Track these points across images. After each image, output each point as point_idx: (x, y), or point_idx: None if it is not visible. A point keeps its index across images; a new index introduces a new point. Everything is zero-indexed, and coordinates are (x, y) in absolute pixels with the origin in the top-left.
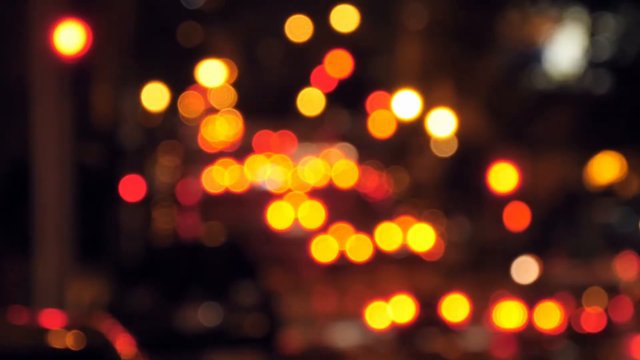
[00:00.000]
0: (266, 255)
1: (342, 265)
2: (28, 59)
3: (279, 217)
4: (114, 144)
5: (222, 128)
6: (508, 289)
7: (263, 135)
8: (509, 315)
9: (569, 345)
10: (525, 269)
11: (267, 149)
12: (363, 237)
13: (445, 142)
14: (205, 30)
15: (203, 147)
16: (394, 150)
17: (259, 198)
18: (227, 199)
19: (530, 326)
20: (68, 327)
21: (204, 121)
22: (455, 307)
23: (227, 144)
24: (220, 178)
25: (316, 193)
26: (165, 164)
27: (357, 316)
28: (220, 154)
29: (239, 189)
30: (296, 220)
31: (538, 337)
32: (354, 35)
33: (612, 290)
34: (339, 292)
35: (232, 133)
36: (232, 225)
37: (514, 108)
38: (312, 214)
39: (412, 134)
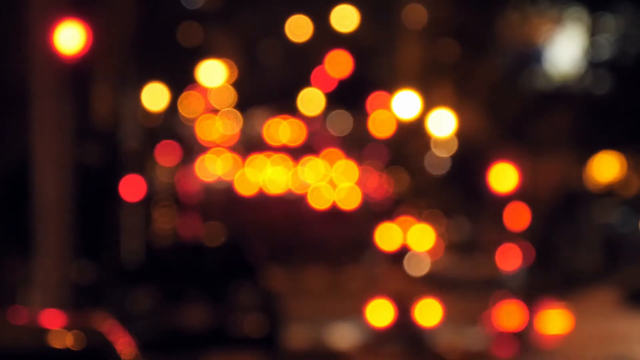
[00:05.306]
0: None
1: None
2: (28, 59)
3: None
4: (114, 144)
5: (217, 126)
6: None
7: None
8: (509, 315)
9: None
10: (416, 263)
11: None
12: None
13: (445, 142)
14: (205, 30)
15: (202, 144)
16: (394, 150)
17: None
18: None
19: (530, 326)
20: (68, 327)
21: (199, 120)
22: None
23: (224, 142)
24: (212, 166)
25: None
26: (165, 164)
27: (357, 315)
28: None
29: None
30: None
31: (538, 337)
32: (354, 35)
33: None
34: (338, 291)
35: (228, 131)
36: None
37: (514, 108)
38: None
39: (412, 133)
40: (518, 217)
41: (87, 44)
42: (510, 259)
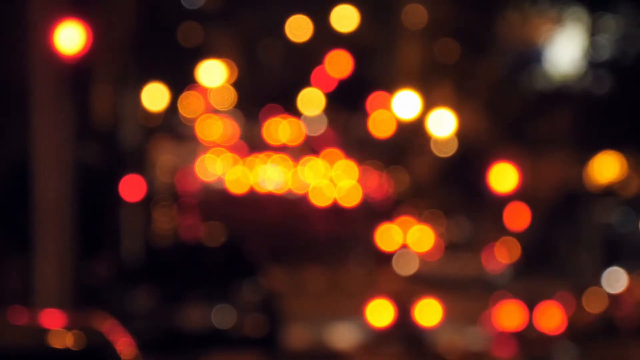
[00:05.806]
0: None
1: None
2: (28, 59)
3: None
4: (114, 144)
5: (217, 126)
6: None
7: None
8: (509, 315)
9: (569, 345)
10: (405, 262)
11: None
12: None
13: (445, 142)
14: (205, 30)
15: (203, 144)
16: (394, 150)
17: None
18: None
19: (530, 326)
20: (68, 327)
21: (199, 120)
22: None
23: (224, 142)
24: (212, 166)
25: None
26: (165, 164)
27: (357, 315)
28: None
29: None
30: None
31: (538, 337)
32: (354, 35)
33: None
34: (339, 291)
35: (228, 132)
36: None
37: (514, 108)
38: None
39: (412, 134)
40: (518, 217)
41: (87, 44)
42: (497, 258)
